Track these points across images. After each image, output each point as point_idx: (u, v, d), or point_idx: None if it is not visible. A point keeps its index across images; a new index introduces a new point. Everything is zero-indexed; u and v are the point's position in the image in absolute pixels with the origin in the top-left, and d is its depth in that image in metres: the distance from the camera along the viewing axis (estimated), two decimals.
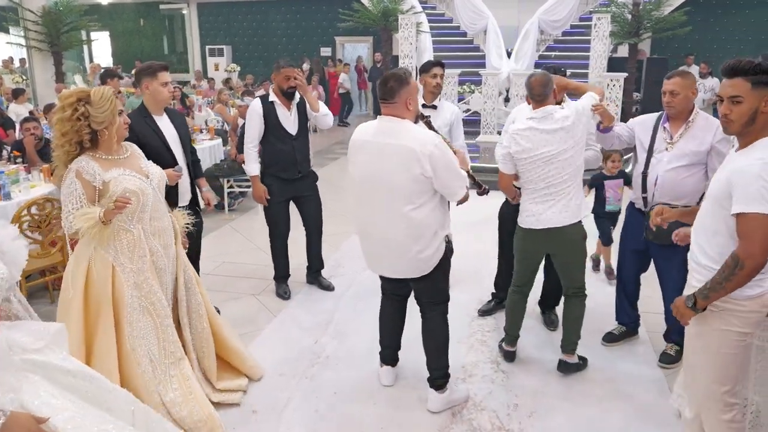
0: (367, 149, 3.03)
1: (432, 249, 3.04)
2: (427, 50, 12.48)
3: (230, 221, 6.85)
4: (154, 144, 3.76)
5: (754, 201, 2.11)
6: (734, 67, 2.18)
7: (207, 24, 18.39)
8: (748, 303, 2.28)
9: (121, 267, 2.92)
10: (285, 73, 4.39)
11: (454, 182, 2.99)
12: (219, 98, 10.01)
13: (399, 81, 2.95)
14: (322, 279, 4.94)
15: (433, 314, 3.28)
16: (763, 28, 14.57)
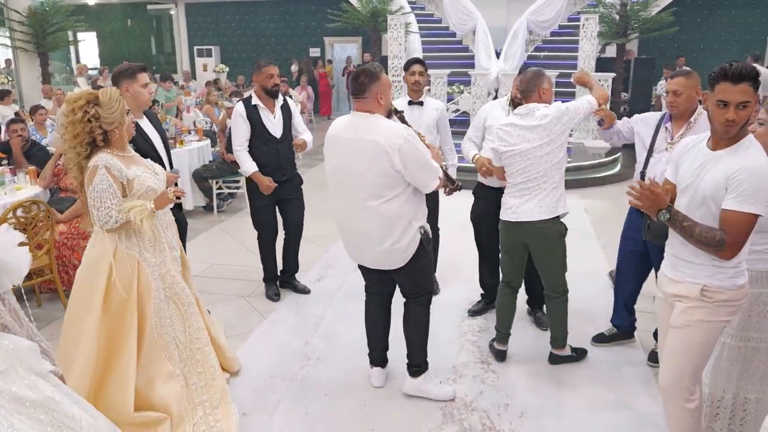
0: (337, 144, 3.08)
1: (406, 240, 3.07)
2: (416, 51, 12.48)
3: (219, 222, 6.81)
4: (141, 147, 3.71)
5: (754, 201, 2.22)
6: (742, 72, 2.21)
7: (195, 24, 18.31)
8: (738, 292, 2.40)
9: (146, 261, 3.01)
10: (267, 71, 4.35)
11: (425, 174, 3.01)
12: (207, 99, 9.96)
13: (369, 76, 2.98)
14: (297, 282, 4.90)
15: (415, 305, 3.33)
16: (749, 29, 14.71)
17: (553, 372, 3.67)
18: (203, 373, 3.15)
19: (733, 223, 2.25)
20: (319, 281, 5.08)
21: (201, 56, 17.92)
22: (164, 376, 3.00)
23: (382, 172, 2.92)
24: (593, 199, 7.69)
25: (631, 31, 11.56)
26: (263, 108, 4.43)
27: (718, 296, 2.39)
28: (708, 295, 2.40)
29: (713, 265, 2.38)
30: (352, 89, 3.05)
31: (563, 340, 3.72)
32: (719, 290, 2.39)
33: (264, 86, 4.39)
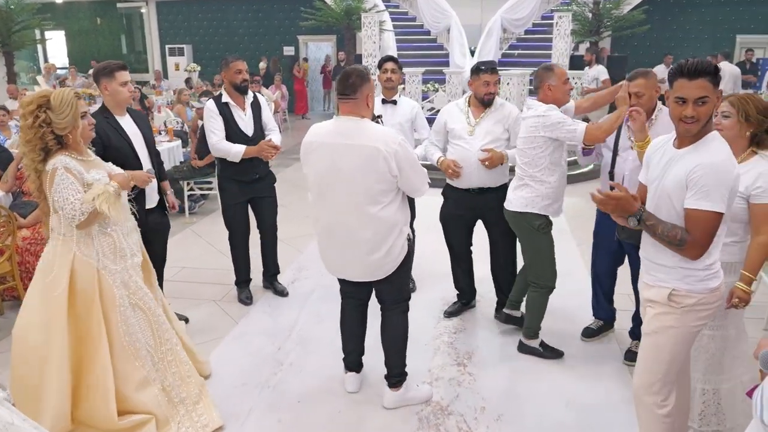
0: (324, 151, 2.93)
1: (398, 247, 3.01)
2: (391, 49, 12.40)
3: (191, 225, 6.68)
4: (118, 145, 3.66)
5: (711, 198, 2.17)
6: (698, 68, 2.17)
7: (166, 23, 18.01)
8: (709, 296, 2.32)
9: (106, 269, 2.92)
10: (235, 67, 4.26)
11: (418, 179, 2.97)
12: (179, 99, 9.77)
13: (361, 77, 2.89)
14: (278, 284, 4.81)
15: (394, 312, 3.25)
16: (718, 27, 14.90)
17: (530, 374, 3.63)
18: (177, 373, 3.13)
19: (694, 220, 2.21)
20: (293, 283, 4.98)
21: (173, 55, 17.63)
22: (140, 382, 2.96)
23: (380, 178, 2.85)
24: (568, 197, 7.65)
25: (603, 29, 11.63)
26: (234, 106, 4.34)
27: (686, 301, 2.33)
28: (676, 300, 2.34)
29: (682, 268, 2.33)
30: (341, 89, 2.89)
31: (533, 331, 3.79)
32: (687, 294, 2.33)
33: (233, 82, 4.30)
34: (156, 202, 3.93)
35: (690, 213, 2.21)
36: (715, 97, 2.21)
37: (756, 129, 2.63)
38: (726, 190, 2.17)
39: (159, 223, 3.99)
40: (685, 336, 2.39)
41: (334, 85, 16.01)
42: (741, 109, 2.61)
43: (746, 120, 2.61)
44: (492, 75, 3.84)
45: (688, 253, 2.25)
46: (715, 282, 2.34)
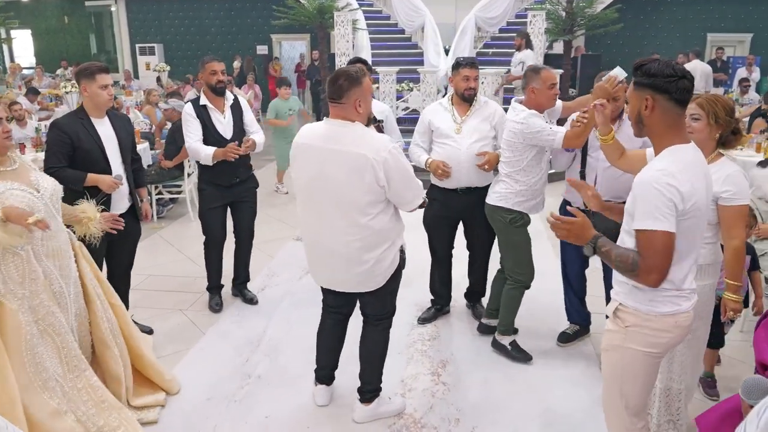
0: (312, 155, 2.79)
1: (388, 260, 2.87)
2: (365, 48, 12.28)
3: (159, 230, 6.49)
4: (88, 148, 3.55)
5: (651, 217, 1.98)
6: (633, 66, 2.09)
7: (137, 21, 17.67)
8: (657, 320, 2.12)
9: (12, 294, 2.67)
10: (210, 68, 4.16)
11: (409, 192, 2.78)
12: (148, 99, 9.54)
13: (350, 80, 2.72)
14: (247, 291, 4.67)
15: (376, 328, 3.12)
16: (689, 25, 15.05)
17: (505, 382, 3.55)
18: (90, 401, 2.89)
19: (641, 242, 2.02)
20: (262, 290, 4.84)
21: (143, 54, 17.29)
22: (51, 414, 2.71)
23: (367, 189, 2.69)
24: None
25: (577, 27, 11.63)
26: (212, 108, 4.22)
27: (630, 319, 2.15)
28: (620, 316, 2.19)
29: (628, 282, 2.15)
30: (329, 92, 2.74)
31: (505, 327, 3.80)
32: (633, 312, 2.14)
33: (208, 83, 4.19)
34: (125, 208, 3.79)
35: (636, 235, 2.04)
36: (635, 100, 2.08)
37: (723, 130, 2.56)
38: (664, 206, 1.96)
39: (129, 230, 3.84)
40: (634, 358, 2.17)
41: (308, 85, 15.87)
42: (711, 112, 2.52)
43: (716, 122, 2.53)
44: (471, 69, 3.80)
45: (642, 279, 2.04)
46: (667, 307, 2.11)
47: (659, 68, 2.01)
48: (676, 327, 2.14)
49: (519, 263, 3.71)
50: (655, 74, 2.01)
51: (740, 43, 14.94)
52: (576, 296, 3.96)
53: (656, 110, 2.04)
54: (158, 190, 6.85)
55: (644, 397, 2.26)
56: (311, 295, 4.66)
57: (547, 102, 3.53)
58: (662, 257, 2.00)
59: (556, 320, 4.16)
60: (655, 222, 1.97)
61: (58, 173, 3.45)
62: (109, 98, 3.61)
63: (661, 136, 2.08)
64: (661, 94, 2.01)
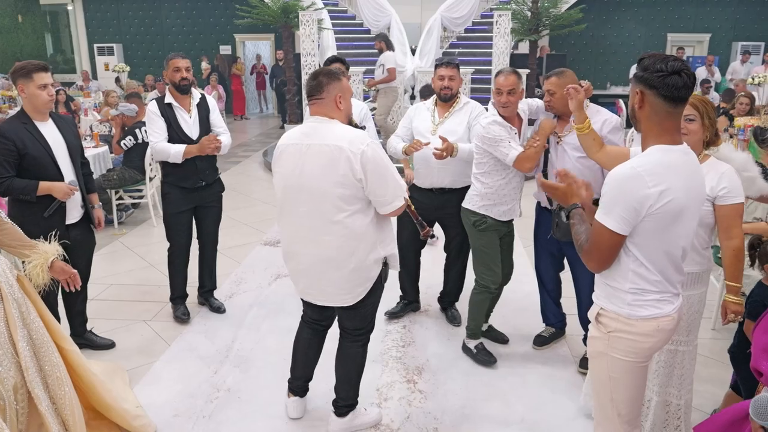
0: (289, 153, 2.69)
1: (369, 266, 2.73)
2: (330, 47, 12.15)
3: (120, 236, 6.25)
4: (36, 154, 3.32)
5: (606, 212, 1.99)
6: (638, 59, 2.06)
7: (94, 21, 17.18)
8: (639, 324, 2.06)
9: None
10: (173, 65, 4.01)
11: (388, 189, 2.64)
12: (107, 101, 9.24)
13: (329, 75, 2.67)
14: (214, 300, 4.50)
15: (354, 343, 2.99)
16: (651, 25, 15.30)
17: (482, 388, 3.47)
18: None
19: (594, 229, 2.04)
20: (230, 298, 4.68)
21: (102, 54, 16.83)
22: None
23: (343, 181, 2.57)
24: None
25: (542, 27, 11.69)
26: (178, 107, 4.05)
27: (611, 324, 2.09)
28: (601, 321, 2.13)
29: (607, 285, 2.11)
30: (308, 89, 2.70)
31: (471, 331, 3.77)
32: (614, 317, 2.08)
33: (172, 81, 4.03)
34: (79, 216, 3.60)
35: (593, 221, 2.06)
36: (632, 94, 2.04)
37: (711, 132, 2.55)
38: (622, 208, 1.94)
39: (83, 240, 3.66)
40: (619, 366, 2.11)
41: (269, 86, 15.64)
42: (704, 113, 2.49)
43: (709, 123, 2.51)
44: (447, 68, 3.76)
45: (585, 261, 2.10)
46: (647, 311, 2.05)
47: (651, 62, 1.95)
48: (658, 331, 2.07)
49: (483, 267, 3.65)
50: (646, 68, 1.96)
51: (699, 43, 15.25)
52: (551, 298, 3.93)
53: (645, 106, 1.98)
54: (119, 194, 6.61)
55: (636, 405, 2.19)
56: (281, 303, 4.54)
57: (499, 107, 3.44)
58: (604, 252, 2.03)
59: (532, 323, 4.11)
60: (609, 219, 1.98)
61: (6, 184, 3.25)
62: (50, 99, 3.38)
63: (648, 133, 2.02)
64: (650, 90, 1.95)
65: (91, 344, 3.87)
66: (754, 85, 9.20)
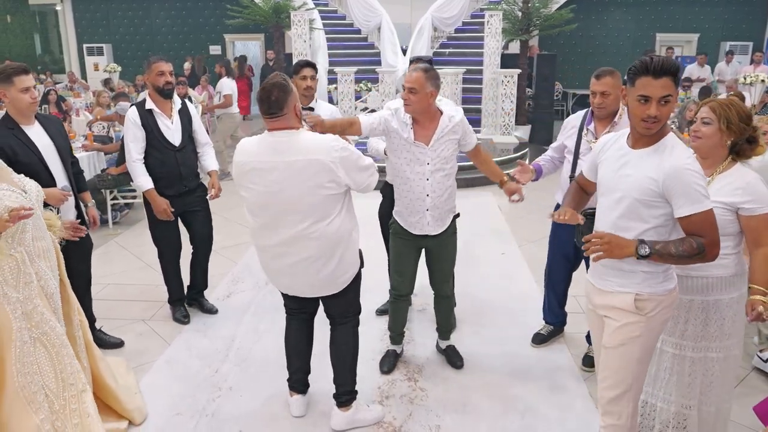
0: (261, 172, 2.67)
1: (350, 257, 2.84)
2: (321, 48, 12.15)
3: (115, 236, 6.23)
4: (27, 160, 3.27)
5: (702, 199, 2.10)
6: (664, 66, 2.05)
7: (84, 21, 17.07)
8: (667, 297, 2.26)
9: (6, 298, 2.53)
10: (156, 69, 3.93)
11: (366, 174, 2.78)
12: (98, 101, 9.19)
13: (283, 90, 2.63)
14: (204, 301, 4.49)
15: (344, 327, 3.06)
16: (639, 25, 15.44)
17: (484, 386, 3.50)
18: (80, 425, 2.70)
19: (701, 224, 2.11)
20: (228, 297, 4.69)
21: (91, 55, 16.72)
22: (31, 431, 2.54)
23: (326, 190, 2.65)
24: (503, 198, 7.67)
25: (533, 27, 11.76)
26: (159, 113, 3.99)
27: (649, 305, 2.23)
28: (640, 306, 2.24)
29: (643, 271, 2.23)
30: (265, 109, 2.64)
31: (391, 334, 3.73)
32: (651, 297, 2.23)
33: (155, 85, 3.95)
34: (73, 218, 3.58)
35: (694, 218, 2.11)
36: (676, 96, 2.12)
37: (737, 137, 2.48)
38: (703, 188, 2.11)
39: (80, 242, 3.63)
40: (651, 342, 2.32)
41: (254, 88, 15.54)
42: (723, 116, 2.45)
43: (728, 128, 2.46)
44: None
45: (710, 256, 2.16)
46: (672, 283, 2.29)
47: (635, 62, 2.12)
48: (674, 301, 2.33)
49: (390, 270, 3.58)
50: (629, 67, 2.13)
51: (687, 42, 15.39)
52: (557, 299, 3.93)
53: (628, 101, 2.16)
54: (113, 195, 6.59)
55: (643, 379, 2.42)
56: (279, 301, 4.48)
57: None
58: (717, 230, 2.14)
59: (529, 322, 4.14)
60: (705, 202, 2.10)
61: None
62: (33, 101, 3.34)
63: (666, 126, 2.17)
64: (627, 86, 2.16)
65: (99, 343, 3.84)
66: (745, 84, 9.30)
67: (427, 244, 3.43)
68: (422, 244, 3.43)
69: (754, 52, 12.95)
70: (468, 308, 4.39)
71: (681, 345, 2.62)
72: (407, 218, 3.34)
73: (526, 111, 11.68)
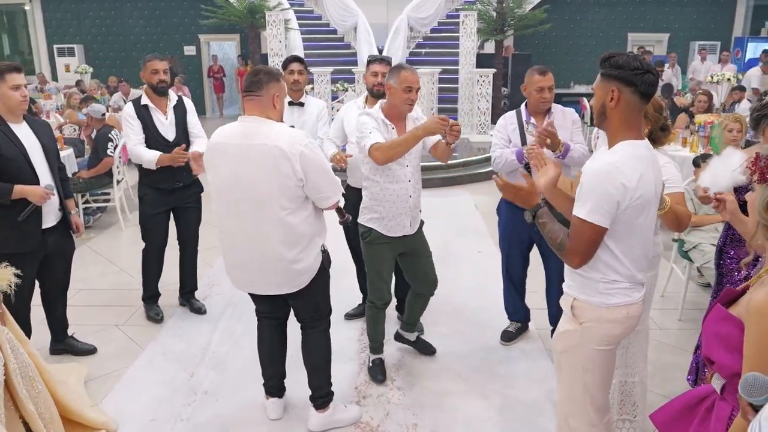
0: (228, 153, 2.71)
1: (309, 259, 2.79)
2: (297, 48, 12.12)
3: (88, 241, 6.14)
4: (11, 156, 3.25)
5: (591, 209, 2.01)
6: (601, 58, 2.09)
7: (54, 21, 16.77)
8: (610, 312, 2.14)
9: None
10: (150, 67, 4.00)
11: (327, 186, 2.73)
12: (69, 102, 9.05)
13: (269, 74, 2.71)
14: (195, 301, 4.48)
15: (314, 331, 3.04)
16: (611, 26, 15.64)
17: (459, 384, 3.52)
18: None
19: (574, 226, 2.08)
20: (204, 300, 4.63)
21: (62, 56, 16.44)
22: None
23: (283, 180, 2.62)
24: (483, 195, 7.73)
25: (507, 27, 11.85)
26: (154, 108, 4.05)
27: (585, 314, 2.16)
28: (575, 313, 2.19)
29: (579, 276, 2.17)
30: (246, 85, 2.71)
31: (372, 344, 3.61)
32: (586, 306, 2.16)
33: (149, 83, 4.04)
34: (56, 221, 3.53)
35: (573, 219, 2.09)
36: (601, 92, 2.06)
37: (652, 126, 2.65)
38: (604, 201, 1.99)
39: (61, 245, 3.59)
40: (594, 355, 2.18)
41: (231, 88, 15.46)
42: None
43: (645, 117, 2.54)
44: (381, 65, 3.76)
45: (567, 259, 2.13)
46: (618, 299, 2.13)
47: (626, 61, 2.00)
48: (628, 318, 2.17)
49: (369, 281, 3.43)
50: (622, 66, 2.00)
51: (658, 42, 15.63)
52: (518, 295, 3.99)
53: (621, 103, 2.03)
54: (85, 198, 6.50)
55: (607, 390, 2.29)
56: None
57: (401, 104, 3.20)
58: (587, 246, 2.07)
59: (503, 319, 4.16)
60: (591, 214, 2.02)
61: None
62: (23, 100, 3.32)
63: (618, 130, 2.07)
64: (628, 87, 2.01)
65: (72, 350, 3.82)
66: (712, 83, 9.48)
67: (405, 244, 3.41)
68: (400, 245, 3.39)
69: (722, 51, 13.19)
70: (444, 306, 4.41)
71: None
72: (387, 223, 3.29)
73: (501, 110, 11.75)
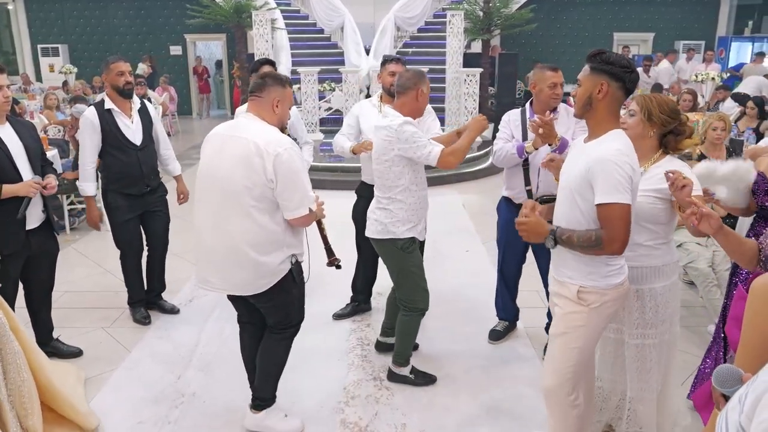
0: (213, 143, 2.78)
1: (272, 264, 2.72)
2: (284, 48, 12.06)
3: (72, 242, 6.08)
4: None
5: (614, 191, 2.15)
6: (588, 54, 2.27)
7: (38, 21, 16.59)
8: (612, 291, 2.32)
9: None
10: (116, 69, 3.91)
11: (295, 195, 2.67)
12: (46, 103, 8.94)
13: (275, 78, 2.77)
14: (163, 302, 4.45)
15: (276, 337, 2.98)
16: (598, 25, 15.74)
17: (448, 383, 3.52)
18: None
19: (605, 216, 2.20)
20: (191, 302, 4.62)
21: (46, 56, 16.26)
22: None
23: (254, 179, 2.61)
24: (470, 194, 7.76)
25: (494, 27, 11.88)
26: (118, 112, 3.96)
27: (592, 298, 2.32)
28: (583, 297, 2.34)
29: (585, 265, 2.32)
30: (251, 86, 2.79)
31: (403, 357, 3.46)
32: (594, 290, 2.32)
33: (115, 86, 3.93)
34: (39, 222, 3.49)
35: (599, 209, 2.20)
36: (589, 84, 2.24)
37: (660, 129, 2.56)
38: (623, 181, 2.15)
39: (45, 246, 3.56)
40: (592, 334, 2.40)
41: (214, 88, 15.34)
42: (644, 108, 2.54)
43: (648, 119, 2.54)
44: (397, 65, 3.83)
45: (608, 250, 2.21)
46: (618, 278, 2.34)
47: (617, 59, 2.21)
48: (620, 296, 2.38)
49: (412, 290, 3.35)
50: (613, 63, 2.20)
51: (644, 42, 15.75)
52: (510, 295, 4.00)
53: (608, 96, 2.22)
54: (70, 200, 6.43)
55: (585, 369, 2.49)
56: None
57: (422, 109, 3.27)
58: (624, 226, 2.18)
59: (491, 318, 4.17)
60: (617, 195, 2.15)
61: None
62: (5, 100, 3.29)
63: (603, 120, 2.26)
64: (616, 82, 2.21)
65: (57, 352, 3.77)
66: (697, 82, 9.55)
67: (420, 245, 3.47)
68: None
69: (706, 51, 13.31)
70: (431, 306, 4.35)
71: (620, 330, 2.69)
72: (419, 227, 3.32)
73: (488, 109, 11.77)
